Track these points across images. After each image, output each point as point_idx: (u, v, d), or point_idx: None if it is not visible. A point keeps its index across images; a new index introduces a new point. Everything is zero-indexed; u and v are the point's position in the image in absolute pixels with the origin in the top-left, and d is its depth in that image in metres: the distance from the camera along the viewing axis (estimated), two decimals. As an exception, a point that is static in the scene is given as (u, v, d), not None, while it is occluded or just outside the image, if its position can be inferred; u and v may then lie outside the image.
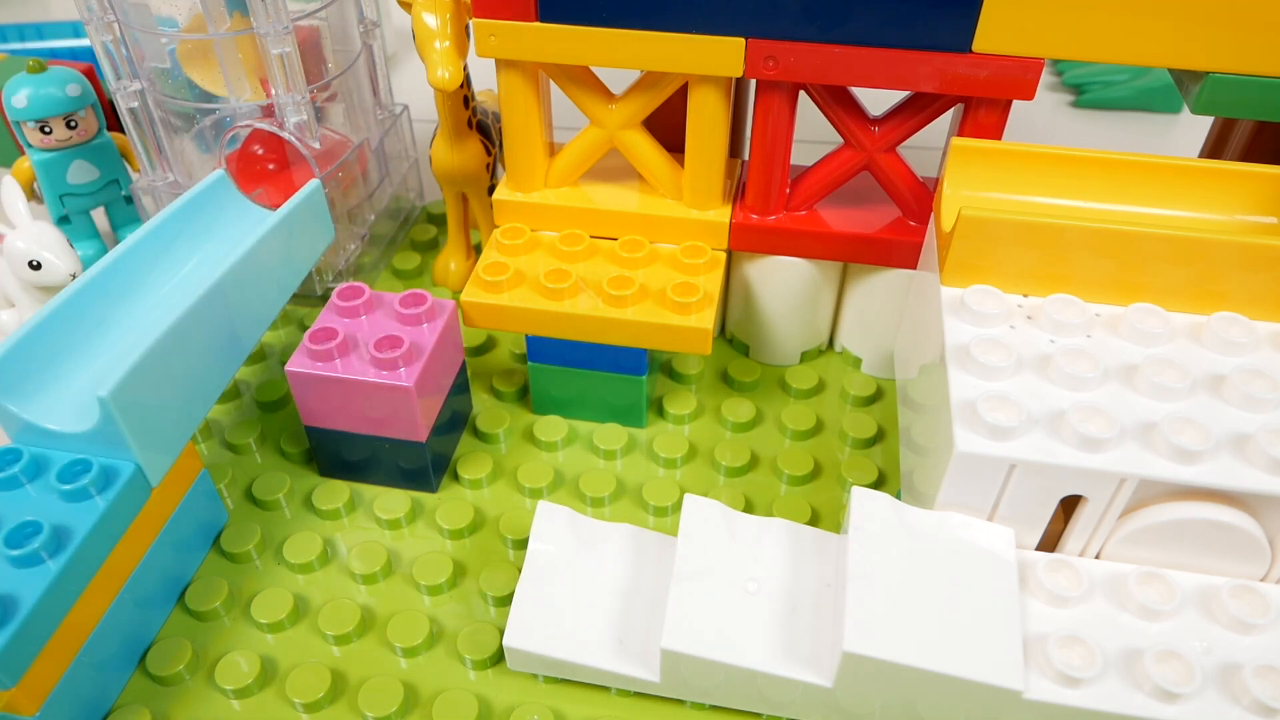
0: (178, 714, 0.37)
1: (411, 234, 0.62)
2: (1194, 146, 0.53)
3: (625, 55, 0.41)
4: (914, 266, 0.46)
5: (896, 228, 0.46)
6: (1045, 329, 0.37)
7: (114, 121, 0.57)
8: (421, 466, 0.44)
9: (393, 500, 0.44)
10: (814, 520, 0.44)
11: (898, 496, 0.42)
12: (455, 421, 0.47)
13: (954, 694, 0.32)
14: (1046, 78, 0.82)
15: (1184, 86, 0.40)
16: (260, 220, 0.45)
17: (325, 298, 0.55)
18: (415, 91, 0.65)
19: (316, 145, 0.51)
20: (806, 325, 0.51)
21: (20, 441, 0.36)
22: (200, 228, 0.44)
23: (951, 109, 0.44)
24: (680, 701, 0.37)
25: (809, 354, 0.52)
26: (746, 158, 0.47)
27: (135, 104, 0.51)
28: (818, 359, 0.52)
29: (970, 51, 0.39)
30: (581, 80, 0.45)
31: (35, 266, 0.48)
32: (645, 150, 0.47)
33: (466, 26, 0.45)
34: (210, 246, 0.44)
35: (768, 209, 0.46)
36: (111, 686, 0.37)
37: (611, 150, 0.47)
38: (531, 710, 0.36)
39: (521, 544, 0.42)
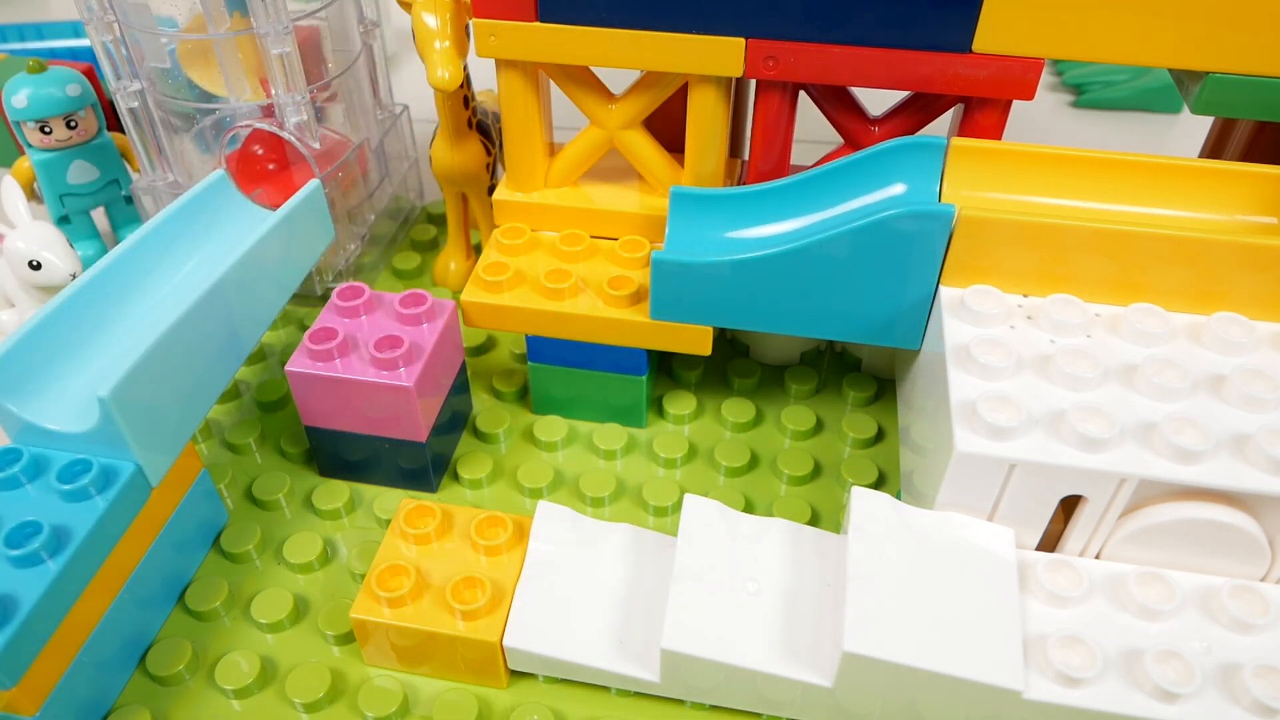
0: (178, 714, 0.37)
1: (411, 234, 0.62)
2: (1194, 146, 0.53)
3: (625, 55, 0.41)
4: (914, 266, 0.46)
5: (896, 228, 0.46)
6: (1045, 329, 0.37)
7: (114, 121, 0.57)
8: (421, 466, 0.44)
9: (393, 500, 0.44)
10: (814, 520, 0.44)
11: (898, 496, 0.42)
12: (455, 421, 0.47)
13: (954, 694, 0.32)
14: (1046, 78, 0.81)
15: (1184, 86, 0.40)
16: (260, 220, 0.45)
17: (325, 298, 0.55)
18: (415, 91, 0.65)
19: (316, 145, 0.51)
20: (806, 325, 0.51)
21: (20, 441, 0.36)
22: (200, 228, 0.44)
23: (951, 109, 0.44)
24: (680, 701, 0.37)
25: (809, 354, 0.52)
26: (746, 158, 0.47)
27: (135, 104, 0.51)
28: (818, 359, 0.52)
29: (970, 51, 0.39)
30: (581, 80, 0.45)
31: (35, 266, 0.48)
32: (645, 150, 0.47)
33: (466, 26, 0.45)
34: (210, 247, 0.44)
35: (768, 209, 0.46)
36: (111, 686, 0.37)
37: (611, 150, 0.47)
38: (531, 710, 0.36)
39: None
